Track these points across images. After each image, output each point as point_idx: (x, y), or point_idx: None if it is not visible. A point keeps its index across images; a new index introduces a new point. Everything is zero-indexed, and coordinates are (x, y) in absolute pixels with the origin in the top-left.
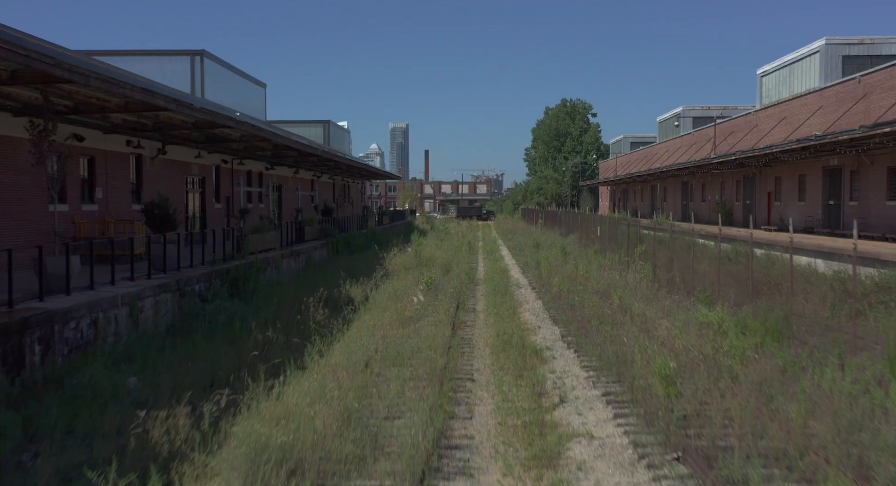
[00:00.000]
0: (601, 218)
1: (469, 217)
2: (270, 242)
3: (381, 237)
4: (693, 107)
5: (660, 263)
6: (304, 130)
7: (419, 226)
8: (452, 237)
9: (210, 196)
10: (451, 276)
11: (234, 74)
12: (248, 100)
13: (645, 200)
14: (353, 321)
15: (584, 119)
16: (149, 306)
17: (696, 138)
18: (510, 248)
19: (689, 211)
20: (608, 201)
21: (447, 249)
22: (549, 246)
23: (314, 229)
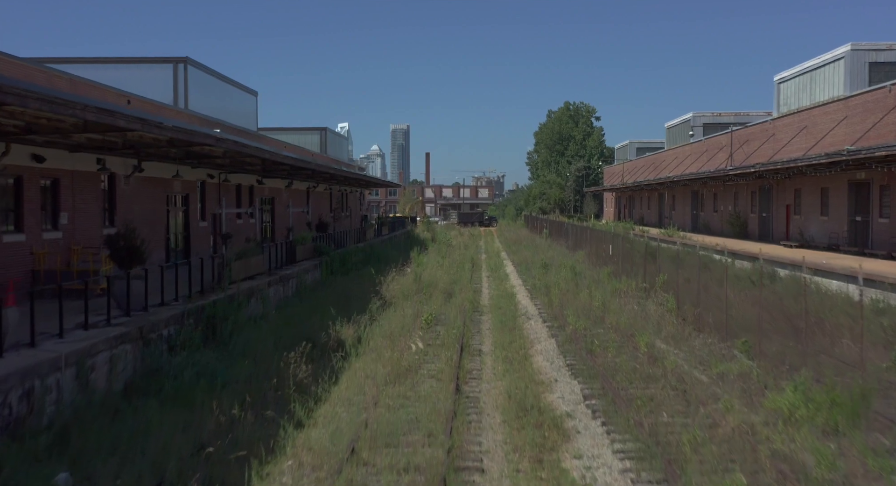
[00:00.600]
0: (613, 236)
1: (471, 223)
2: (257, 266)
3: (379, 252)
4: (703, 113)
5: (683, 292)
6: (299, 137)
7: (420, 236)
8: (454, 250)
9: (195, 214)
10: (453, 303)
11: (221, 82)
12: (238, 109)
13: (652, 208)
14: (343, 372)
15: (588, 123)
16: (102, 363)
17: (707, 146)
18: (515, 264)
19: (699, 221)
20: (613, 208)
21: (449, 267)
22: (559, 266)
23: (307, 248)
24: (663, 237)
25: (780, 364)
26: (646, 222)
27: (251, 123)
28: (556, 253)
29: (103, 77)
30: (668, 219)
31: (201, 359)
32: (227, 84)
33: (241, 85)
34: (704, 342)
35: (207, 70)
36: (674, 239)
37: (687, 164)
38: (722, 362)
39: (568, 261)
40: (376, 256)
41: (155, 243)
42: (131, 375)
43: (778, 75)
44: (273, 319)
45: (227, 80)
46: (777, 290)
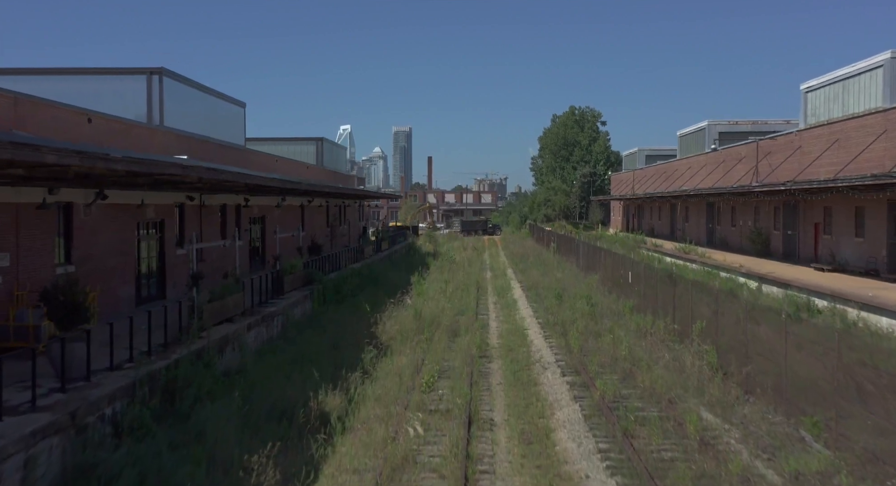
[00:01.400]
0: (633, 263)
1: (474, 232)
2: (236, 306)
3: (377, 274)
4: (719, 121)
5: (723, 340)
6: (295, 148)
7: (421, 249)
8: (458, 269)
9: (171, 242)
10: (458, 345)
11: (203, 94)
12: (223, 122)
13: (663, 219)
14: (325, 463)
15: (594, 128)
16: (13, 469)
17: (724, 156)
18: (524, 287)
19: (715, 235)
20: (621, 216)
21: (452, 292)
22: (573, 295)
23: (297, 277)
24: (679, 253)
25: (874, 462)
26: (656, 233)
27: (238, 137)
28: (566, 274)
29: (65, 91)
30: (680, 231)
31: (148, 450)
32: (210, 96)
33: (227, 96)
34: (761, 414)
35: (186, 81)
36: (692, 256)
37: (702, 175)
38: (791, 451)
39: (582, 287)
40: (374, 278)
41: (122, 276)
42: (57, 476)
43: (805, 84)
44: (250, 373)
45: (209, 91)
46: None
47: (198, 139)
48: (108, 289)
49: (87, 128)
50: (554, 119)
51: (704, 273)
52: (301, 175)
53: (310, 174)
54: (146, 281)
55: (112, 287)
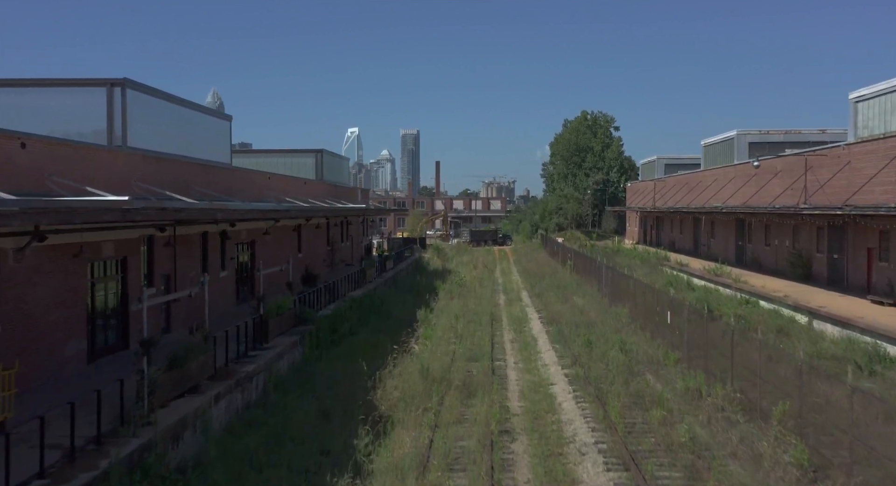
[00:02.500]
0: (674, 302)
1: (484, 242)
2: (202, 370)
3: (380, 305)
4: (749, 131)
5: (812, 427)
6: (292, 160)
7: (428, 267)
8: (468, 293)
9: (135, 283)
10: (473, 415)
11: (178, 107)
12: (205, 138)
13: (685, 233)
14: None
15: (607, 133)
16: None
17: (755, 169)
18: (544, 320)
19: (745, 254)
20: (638, 227)
21: (464, 329)
22: (602, 335)
23: (285, 318)
24: (709, 275)
25: None
26: (677, 248)
27: (223, 154)
28: (588, 300)
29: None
30: (705, 247)
31: None
32: (188, 109)
33: (209, 109)
34: None
35: (157, 93)
36: (724, 279)
37: (731, 189)
38: None
39: (609, 321)
40: (376, 310)
41: (68, 331)
42: None
43: (855, 93)
44: (212, 467)
45: (187, 104)
46: None
47: (171, 159)
48: (48, 349)
49: (21, 155)
50: (565, 124)
51: (742, 303)
52: (298, 192)
53: (308, 190)
54: (103, 331)
55: (54, 346)
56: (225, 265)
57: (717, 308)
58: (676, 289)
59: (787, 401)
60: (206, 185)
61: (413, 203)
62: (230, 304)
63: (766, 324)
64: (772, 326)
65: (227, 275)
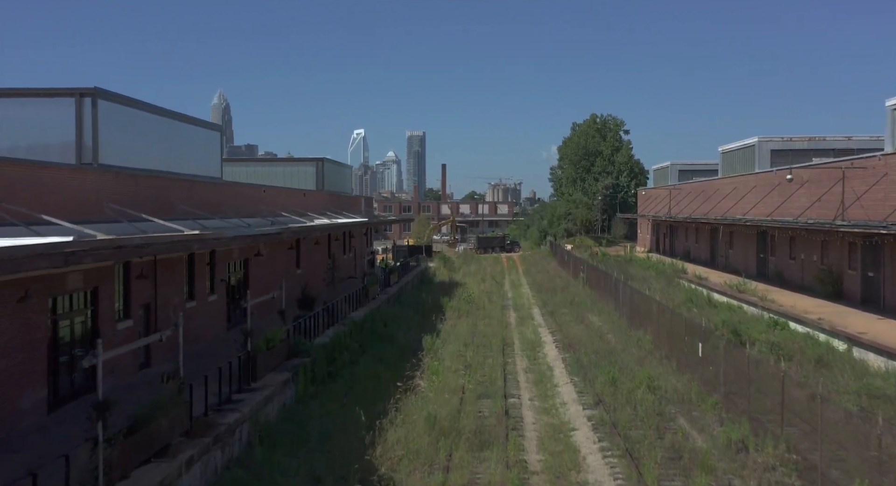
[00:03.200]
0: (707, 332)
1: (491, 249)
2: (174, 427)
3: (382, 329)
4: (771, 137)
5: None
6: (292, 169)
7: (434, 279)
8: (477, 311)
9: (108, 315)
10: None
11: (160, 118)
12: (191, 151)
13: (701, 243)
14: None
15: (616, 137)
16: None
17: (779, 178)
18: (560, 345)
19: (768, 268)
20: (650, 235)
21: (473, 357)
22: (627, 371)
23: (277, 352)
24: (731, 291)
25: None
26: (692, 257)
27: (212, 167)
28: (605, 320)
29: None
30: (723, 258)
31: None
32: (171, 120)
33: (196, 119)
34: None
35: (134, 103)
36: (747, 297)
37: (752, 199)
38: None
39: (631, 349)
40: (378, 335)
41: (22, 378)
42: None
43: (893, 100)
44: None
45: (170, 114)
46: None
47: (150, 176)
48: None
49: None
50: (574, 128)
51: (770, 325)
52: (297, 204)
53: (307, 202)
54: (69, 373)
55: (5, 398)
56: (214, 288)
57: (746, 332)
58: (697, 306)
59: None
60: (192, 202)
61: (419, 208)
62: (220, 329)
63: (802, 353)
64: (810, 355)
65: (217, 299)
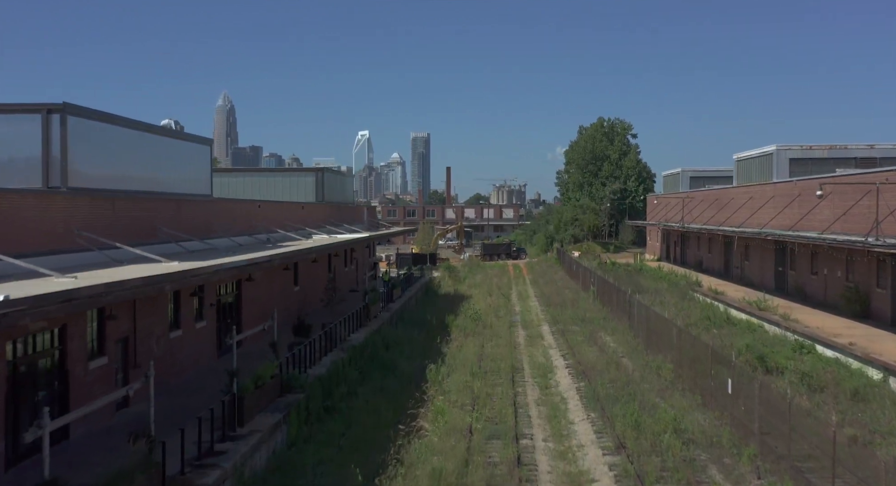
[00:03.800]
0: (737, 370)
1: (497, 256)
2: None
3: (384, 352)
4: (790, 145)
5: None
6: (291, 180)
7: (439, 291)
8: (484, 331)
9: (79, 354)
10: None
11: (143, 134)
12: (177, 168)
13: (715, 253)
14: None
15: (624, 141)
16: None
17: (799, 188)
18: (574, 372)
19: (787, 282)
20: (659, 242)
21: (480, 389)
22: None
23: (267, 390)
24: (751, 308)
25: None
26: (705, 268)
27: (201, 184)
28: (620, 341)
29: None
30: (738, 270)
31: None
32: (155, 135)
33: (183, 134)
34: None
35: (112, 119)
36: (768, 315)
37: (769, 210)
38: None
39: (650, 377)
40: (380, 361)
41: None
42: None
43: None
44: None
45: (154, 129)
46: None
47: (130, 198)
48: None
49: None
50: (581, 131)
51: (796, 348)
52: (294, 219)
53: (306, 216)
54: (31, 422)
55: None
56: (203, 314)
57: (772, 357)
58: (715, 324)
59: None
60: (179, 224)
61: (423, 212)
62: (209, 357)
63: (836, 384)
64: (845, 387)
65: (206, 325)
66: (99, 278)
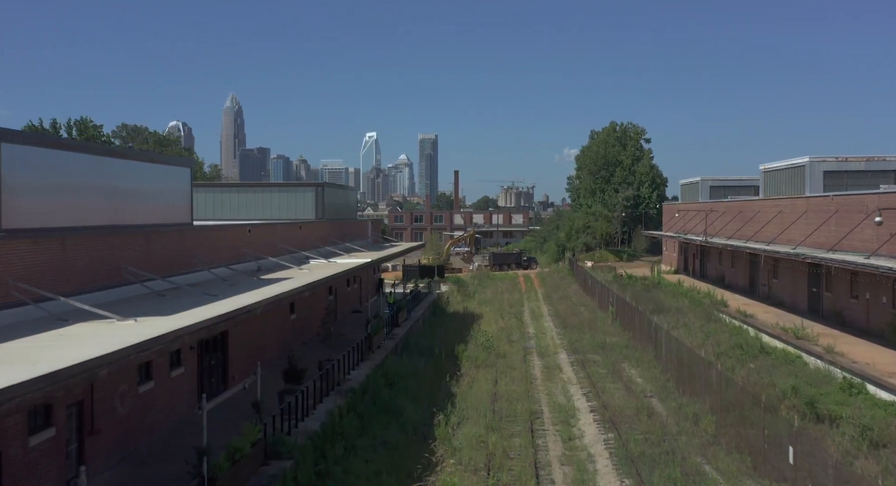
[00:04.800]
0: (797, 434)
1: (507, 265)
2: None
3: (387, 393)
4: (824, 157)
5: None
6: (289, 196)
7: (447, 309)
8: (497, 360)
9: (18, 429)
10: None
11: (105, 159)
12: (150, 194)
13: (738, 268)
14: None
15: (637, 145)
16: None
17: (837, 204)
18: (599, 418)
19: (822, 305)
20: (676, 253)
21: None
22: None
23: (247, 463)
24: (786, 336)
25: None
26: (728, 283)
27: (179, 211)
28: (648, 377)
29: None
30: (764, 287)
31: None
32: (121, 159)
33: (158, 156)
34: None
35: (63, 144)
36: (806, 345)
37: (802, 227)
38: None
39: (685, 427)
40: (382, 405)
41: None
42: None
43: None
44: None
45: (120, 153)
46: None
47: (84, 236)
48: None
49: None
50: (593, 136)
51: (844, 387)
52: (291, 240)
53: (304, 237)
54: None
55: None
56: (180, 360)
57: (823, 403)
58: (749, 354)
59: None
60: (149, 260)
61: (431, 217)
62: (188, 407)
63: None
64: None
65: (184, 371)
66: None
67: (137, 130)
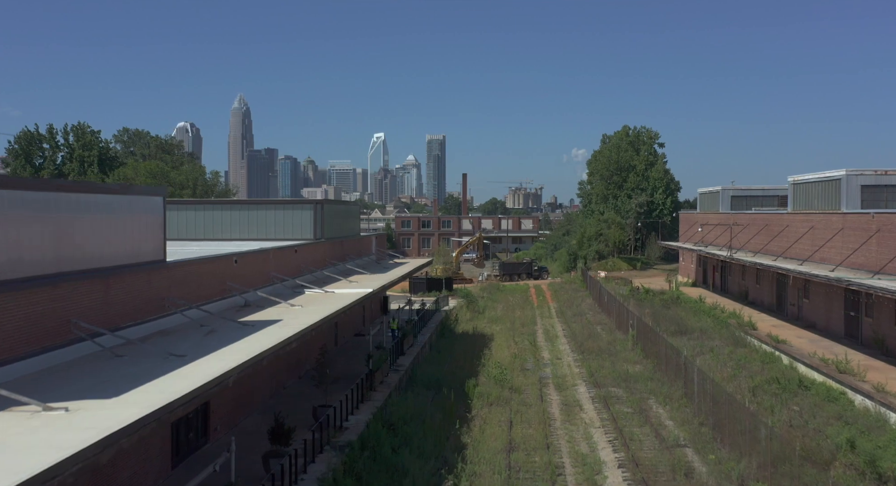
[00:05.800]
0: None
1: (517, 275)
2: None
3: (389, 439)
4: (862, 170)
5: None
6: (286, 214)
7: (455, 330)
8: (511, 396)
9: None
10: None
11: (53, 195)
12: (113, 232)
13: (764, 285)
14: None
15: (650, 150)
16: None
17: (878, 223)
18: (630, 481)
19: (861, 330)
20: (694, 265)
21: None
22: None
23: None
24: (828, 369)
25: None
26: (751, 299)
27: (148, 249)
28: (678, 422)
29: None
30: (794, 307)
31: None
32: (77, 194)
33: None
34: None
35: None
36: (851, 381)
37: (837, 244)
38: None
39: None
40: (384, 463)
41: None
42: None
43: None
44: None
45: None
46: None
47: (20, 291)
48: None
49: None
50: (605, 140)
51: None
52: (285, 268)
53: (300, 261)
54: None
55: None
56: None
57: (885, 460)
58: (788, 390)
59: None
60: (108, 309)
61: (439, 223)
62: (159, 473)
63: None
64: None
65: (153, 431)
66: None
67: (139, 135)
